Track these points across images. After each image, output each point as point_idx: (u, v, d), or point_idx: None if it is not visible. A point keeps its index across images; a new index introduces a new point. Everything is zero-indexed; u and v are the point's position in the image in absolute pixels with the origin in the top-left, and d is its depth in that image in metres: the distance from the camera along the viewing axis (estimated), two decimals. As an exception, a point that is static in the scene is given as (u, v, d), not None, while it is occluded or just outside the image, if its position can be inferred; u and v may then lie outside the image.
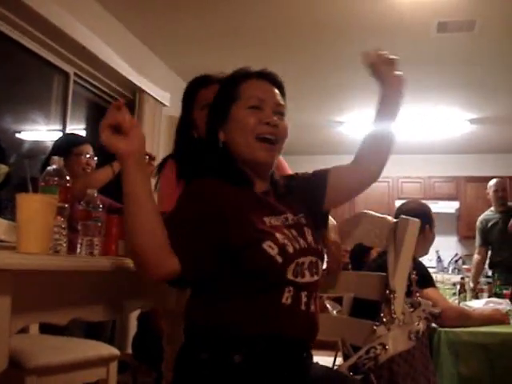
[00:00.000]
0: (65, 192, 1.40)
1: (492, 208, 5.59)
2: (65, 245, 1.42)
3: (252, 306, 1.41)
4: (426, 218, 2.87)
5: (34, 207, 1.24)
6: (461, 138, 7.60)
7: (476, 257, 5.67)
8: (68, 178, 1.47)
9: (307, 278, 1.46)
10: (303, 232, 1.54)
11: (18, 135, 3.84)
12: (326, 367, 1.62)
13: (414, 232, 1.79)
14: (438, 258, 7.96)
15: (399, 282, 1.75)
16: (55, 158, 1.49)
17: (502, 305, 3.38)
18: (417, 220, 1.81)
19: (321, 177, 1.68)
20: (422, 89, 5.82)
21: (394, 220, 1.84)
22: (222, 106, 1.60)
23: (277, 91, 1.61)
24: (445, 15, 4.21)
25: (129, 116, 1.29)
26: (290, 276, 1.42)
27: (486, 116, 6.71)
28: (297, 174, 1.77)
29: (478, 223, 5.68)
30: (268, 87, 1.60)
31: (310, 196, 1.65)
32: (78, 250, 1.60)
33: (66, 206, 1.44)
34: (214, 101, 1.65)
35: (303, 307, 1.45)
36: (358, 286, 1.96)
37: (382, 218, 1.91)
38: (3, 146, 3.17)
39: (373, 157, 1.68)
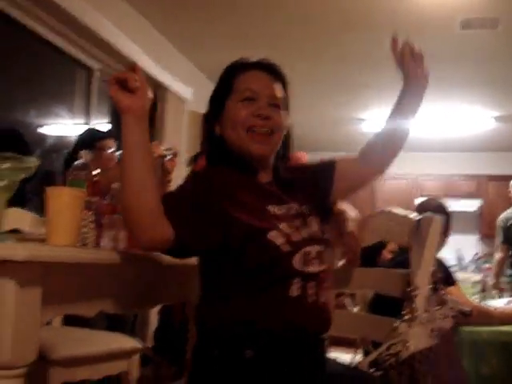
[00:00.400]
0: (92, 186, 1.42)
1: (512, 207, 5.55)
2: (92, 238, 1.44)
3: (259, 300, 1.40)
4: (447, 216, 2.87)
5: (63, 200, 1.27)
6: (483, 135, 7.53)
7: (497, 255, 5.63)
8: (95, 172, 1.49)
9: (315, 268, 1.45)
10: (309, 221, 1.53)
11: (41, 130, 3.88)
12: (343, 364, 1.62)
13: (438, 229, 1.80)
14: (459, 256, 7.91)
15: (422, 279, 1.75)
16: (83, 152, 1.51)
17: (524, 304, 3.36)
18: (440, 217, 1.81)
19: (327, 168, 1.67)
20: (445, 86, 5.77)
21: (417, 217, 1.85)
22: (217, 99, 1.59)
23: (274, 82, 1.58)
24: (468, 12, 4.17)
25: (140, 76, 1.32)
26: (296, 265, 1.41)
27: (510, 114, 6.65)
28: (302, 164, 1.76)
29: (499, 222, 5.64)
30: (264, 78, 1.58)
31: (316, 186, 1.64)
32: (102, 244, 1.62)
33: (94, 199, 1.46)
34: (211, 95, 1.64)
35: (311, 298, 1.44)
36: (379, 283, 1.96)
37: (404, 214, 1.91)
38: (27, 141, 3.21)
39: (383, 152, 1.66)
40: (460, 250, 7.88)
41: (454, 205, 7.79)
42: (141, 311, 3.56)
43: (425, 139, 7.78)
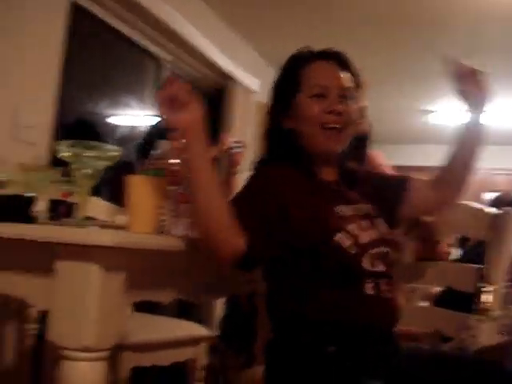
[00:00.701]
0: (171, 175, 1.44)
1: None
2: (171, 226, 1.46)
3: (338, 298, 1.40)
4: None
5: (145, 189, 1.29)
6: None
7: None
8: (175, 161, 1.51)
9: (381, 268, 1.44)
10: (376, 222, 1.51)
11: (113, 120, 3.96)
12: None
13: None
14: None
15: (497, 274, 1.72)
16: (162, 142, 1.54)
17: None
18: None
19: (400, 184, 1.65)
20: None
21: (495, 211, 1.81)
22: (284, 94, 1.57)
23: (341, 72, 1.55)
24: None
25: (183, 88, 1.28)
26: (365, 266, 1.41)
27: None
28: (375, 172, 1.74)
29: None
30: (331, 70, 1.55)
31: (385, 199, 1.61)
32: (174, 232, 1.64)
33: (173, 188, 1.48)
34: (275, 86, 1.62)
35: (385, 295, 1.43)
36: (452, 277, 1.93)
37: (479, 208, 1.87)
38: (99, 131, 3.28)
39: (454, 183, 1.62)
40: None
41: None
42: (211, 300, 3.60)
43: (496, 132, 7.57)
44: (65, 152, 1.36)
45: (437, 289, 2.84)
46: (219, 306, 3.98)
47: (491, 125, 1.64)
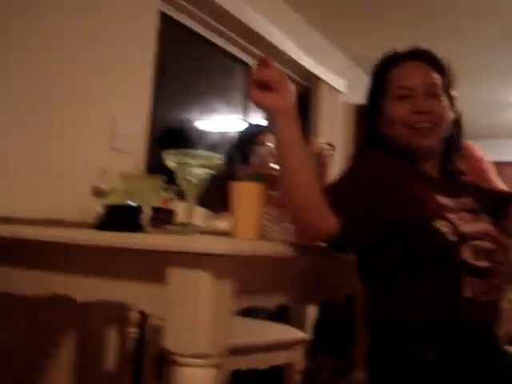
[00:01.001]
0: (273, 180, 1.45)
1: None
2: (273, 231, 1.47)
3: (436, 299, 1.35)
4: None
5: (250, 195, 1.30)
6: None
7: None
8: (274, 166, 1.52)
9: (484, 263, 1.38)
10: (480, 218, 1.47)
11: (203, 127, 4.02)
12: None
13: None
14: None
15: None
16: (259, 147, 1.55)
17: None
18: None
19: (506, 200, 1.62)
20: None
21: None
22: (374, 99, 1.57)
23: (429, 70, 1.53)
24: None
25: (277, 71, 1.25)
26: (465, 257, 1.35)
27: None
28: (481, 184, 1.70)
29: None
30: (416, 69, 1.53)
31: (491, 211, 1.55)
32: (277, 237, 1.64)
33: (274, 193, 1.49)
34: (367, 92, 1.61)
35: (484, 296, 1.37)
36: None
37: None
38: (191, 139, 3.33)
39: None
40: None
41: None
42: (311, 304, 3.60)
43: None
44: (170, 160, 1.39)
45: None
46: (312, 309, 3.97)
47: None
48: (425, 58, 1.56)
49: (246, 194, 1.30)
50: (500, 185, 2.15)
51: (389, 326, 1.41)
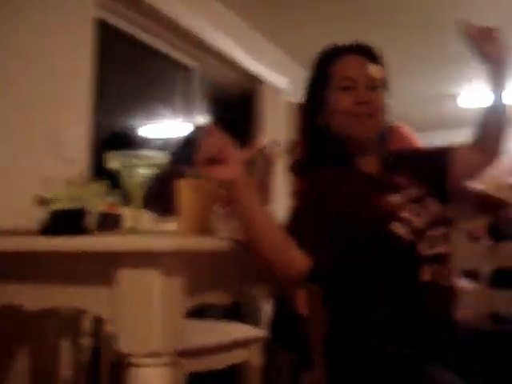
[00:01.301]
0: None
1: None
2: (220, 228, 1.48)
3: (395, 291, 1.40)
4: None
5: (195, 192, 1.31)
6: None
7: None
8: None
9: (440, 250, 1.44)
10: (428, 204, 1.51)
11: (146, 132, 4.00)
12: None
13: None
14: None
15: None
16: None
17: None
18: None
19: (444, 157, 1.65)
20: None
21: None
22: (314, 89, 1.61)
23: (370, 64, 1.58)
24: None
25: (221, 141, 1.24)
26: (423, 252, 1.41)
27: None
28: (414, 149, 1.74)
29: None
30: (358, 62, 1.58)
31: (431, 176, 1.61)
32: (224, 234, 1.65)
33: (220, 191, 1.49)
34: (306, 85, 1.65)
35: (442, 282, 1.43)
36: (501, 257, 1.91)
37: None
38: (134, 144, 3.31)
39: (492, 138, 1.64)
40: None
41: None
42: (263, 299, 3.61)
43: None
44: (114, 163, 1.38)
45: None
46: (267, 306, 3.98)
47: None
48: (365, 51, 1.61)
49: (190, 191, 1.31)
50: None
51: (351, 322, 1.44)
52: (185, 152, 2.82)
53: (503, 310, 1.84)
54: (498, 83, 1.61)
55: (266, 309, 3.94)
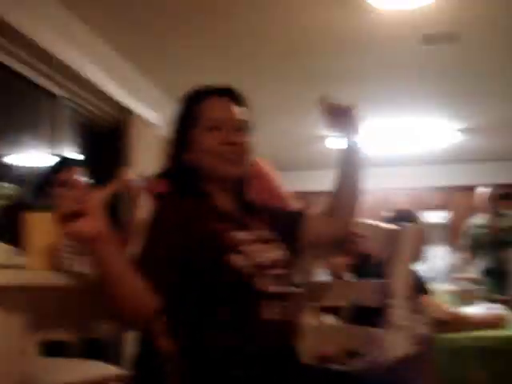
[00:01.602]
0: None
1: (481, 215, 5.65)
2: (72, 263, 1.43)
3: (233, 322, 1.42)
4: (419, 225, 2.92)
5: (42, 226, 1.26)
6: (451, 147, 7.67)
7: (465, 261, 5.74)
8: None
9: (280, 288, 1.48)
10: (272, 246, 1.57)
11: (10, 160, 3.84)
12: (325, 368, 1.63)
13: (416, 239, 1.83)
14: (431, 267, 7.99)
15: (400, 288, 1.78)
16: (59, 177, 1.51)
17: (498, 309, 3.42)
18: (420, 227, 1.84)
19: (298, 222, 1.73)
20: (410, 100, 5.88)
21: (393, 227, 1.87)
22: (182, 129, 1.63)
23: (236, 107, 1.64)
24: (430, 27, 4.26)
25: (82, 194, 1.21)
26: (261, 285, 1.44)
27: (473, 126, 6.79)
28: (272, 206, 1.80)
29: (466, 229, 5.75)
30: (225, 104, 1.63)
31: (285, 233, 1.67)
32: (75, 269, 1.60)
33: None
34: (174, 122, 1.67)
35: (280, 317, 1.46)
36: (357, 294, 1.98)
37: (376, 224, 1.94)
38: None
39: (344, 212, 1.74)
40: (432, 261, 7.97)
41: (424, 217, 7.95)
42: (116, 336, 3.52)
43: (393, 154, 7.89)
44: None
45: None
46: (130, 344, 3.89)
47: (387, 148, 1.76)
48: (233, 95, 1.66)
49: (37, 224, 1.26)
50: (290, 198, 2.23)
51: (192, 351, 1.43)
52: (42, 184, 2.75)
53: (355, 346, 1.90)
54: (350, 155, 1.74)
55: (129, 345, 3.84)
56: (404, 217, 2.94)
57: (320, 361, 2.01)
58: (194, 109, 1.63)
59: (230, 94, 1.66)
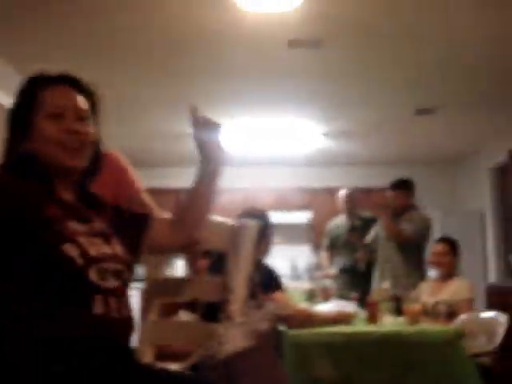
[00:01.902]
0: None
1: (341, 216, 5.89)
2: None
3: (63, 313, 1.38)
4: (263, 222, 2.98)
5: None
6: (315, 150, 7.94)
7: (323, 260, 5.96)
8: None
9: (112, 283, 1.46)
10: (110, 241, 1.54)
11: None
12: (160, 369, 1.63)
13: (253, 235, 1.86)
14: (293, 266, 8.24)
15: (238, 283, 1.81)
16: None
17: (347, 306, 3.57)
18: (256, 223, 1.88)
19: (141, 221, 1.72)
20: (277, 102, 6.02)
21: (233, 223, 1.90)
22: (22, 116, 1.58)
23: (79, 96, 1.60)
24: (295, 32, 4.38)
25: None
26: (92, 278, 1.42)
27: (336, 130, 7.05)
28: (116, 205, 1.78)
29: (326, 229, 5.98)
30: (68, 92, 1.60)
31: (127, 232, 1.66)
32: None
33: None
34: (13, 109, 1.61)
35: (114, 313, 1.45)
36: (199, 289, 1.99)
37: (221, 221, 1.95)
38: None
39: (193, 223, 1.74)
40: (294, 260, 8.22)
41: (288, 217, 8.19)
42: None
43: (259, 154, 8.05)
44: None
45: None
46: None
47: (253, 148, 1.78)
48: (75, 83, 1.62)
49: None
50: (143, 195, 2.21)
51: (16, 340, 1.38)
52: None
53: (195, 341, 1.92)
54: (209, 170, 1.73)
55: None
56: (253, 215, 3.01)
57: (162, 358, 2.01)
58: (35, 95, 1.57)
59: (74, 83, 1.62)
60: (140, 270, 1.89)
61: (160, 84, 5.43)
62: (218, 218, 1.96)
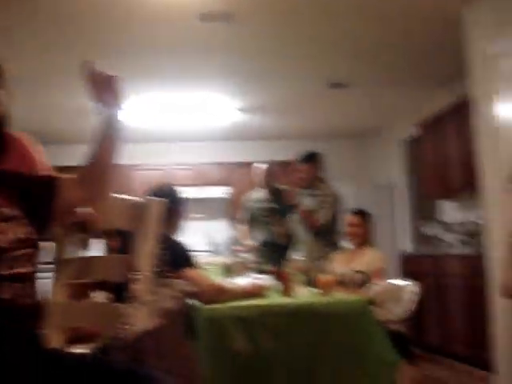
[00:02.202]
0: None
1: (258, 189, 5.90)
2: None
3: None
4: (172, 198, 2.95)
5: None
6: (232, 125, 7.92)
7: (241, 234, 5.97)
8: None
9: (24, 269, 1.45)
10: (17, 224, 1.49)
11: None
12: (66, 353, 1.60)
13: (159, 212, 1.83)
14: (211, 241, 8.23)
15: (143, 262, 1.78)
16: None
17: (262, 280, 3.58)
18: (161, 200, 1.85)
19: (47, 185, 1.65)
20: (190, 76, 5.95)
21: (138, 200, 1.86)
22: None
23: None
24: (206, 6, 4.33)
25: None
26: (2, 271, 1.40)
27: (251, 105, 7.06)
28: (17, 172, 1.71)
29: (243, 202, 5.99)
30: None
31: (32, 200, 1.58)
32: None
33: None
34: None
35: (23, 299, 1.44)
36: (104, 269, 1.95)
37: (124, 198, 1.91)
38: None
39: (97, 182, 1.69)
40: (212, 235, 8.21)
41: (206, 192, 8.18)
42: None
43: (175, 129, 7.97)
44: None
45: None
46: None
47: (170, 123, 1.73)
48: None
49: None
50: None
51: None
52: None
53: (102, 322, 1.88)
54: (109, 125, 1.68)
55: None
56: (162, 192, 2.97)
57: (72, 341, 1.97)
58: None
59: None
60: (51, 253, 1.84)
61: (66, 58, 5.24)
62: (122, 196, 1.92)
